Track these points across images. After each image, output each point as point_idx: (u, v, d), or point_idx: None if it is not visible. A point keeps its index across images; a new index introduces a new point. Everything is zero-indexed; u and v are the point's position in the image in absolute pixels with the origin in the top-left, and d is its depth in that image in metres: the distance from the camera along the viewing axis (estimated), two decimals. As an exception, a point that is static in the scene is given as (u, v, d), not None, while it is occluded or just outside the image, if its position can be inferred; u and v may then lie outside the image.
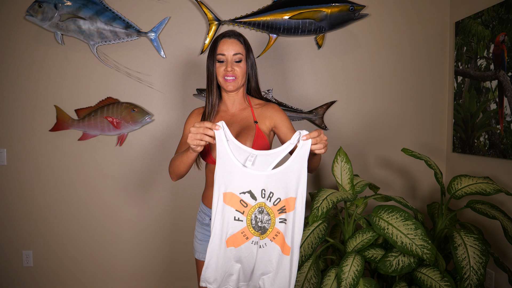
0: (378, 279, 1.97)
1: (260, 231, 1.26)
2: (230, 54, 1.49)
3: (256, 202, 1.25)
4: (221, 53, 1.49)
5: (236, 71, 1.49)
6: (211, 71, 1.52)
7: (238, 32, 1.55)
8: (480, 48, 2.17)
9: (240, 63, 1.50)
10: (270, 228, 1.26)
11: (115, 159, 2.41)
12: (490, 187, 1.75)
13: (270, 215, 1.26)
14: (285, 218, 1.25)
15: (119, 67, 2.37)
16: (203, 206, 1.62)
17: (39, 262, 2.42)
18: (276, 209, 1.25)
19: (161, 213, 2.44)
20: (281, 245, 1.26)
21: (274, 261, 1.28)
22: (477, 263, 1.63)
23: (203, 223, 1.60)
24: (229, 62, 1.49)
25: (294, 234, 1.23)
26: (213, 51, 1.51)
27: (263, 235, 1.26)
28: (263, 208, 1.25)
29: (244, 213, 1.25)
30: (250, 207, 1.25)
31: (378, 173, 2.50)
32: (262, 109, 1.57)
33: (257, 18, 2.32)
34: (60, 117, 2.35)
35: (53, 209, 2.40)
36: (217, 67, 1.50)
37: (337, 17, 2.30)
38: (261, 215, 1.26)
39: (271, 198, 1.25)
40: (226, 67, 1.48)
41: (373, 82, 2.46)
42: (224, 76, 1.49)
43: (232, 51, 1.49)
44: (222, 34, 1.53)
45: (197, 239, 1.62)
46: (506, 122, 1.99)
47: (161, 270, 2.46)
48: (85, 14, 2.24)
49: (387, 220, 1.69)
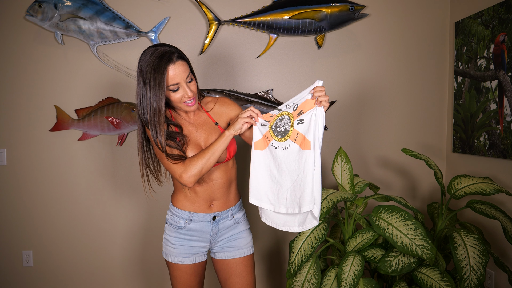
0: (378, 279, 1.97)
1: (280, 135, 1.44)
2: (182, 80, 1.36)
3: (279, 112, 1.47)
4: (174, 83, 1.35)
5: (194, 91, 1.41)
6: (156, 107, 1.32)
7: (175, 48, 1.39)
8: (480, 48, 2.17)
9: (192, 81, 1.42)
10: (291, 130, 1.43)
11: (115, 159, 2.41)
12: (490, 187, 1.75)
13: (290, 118, 1.44)
14: (303, 119, 1.41)
15: (119, 67, 2.37)
16: (175, 210, 1.59)
17: (39, 262, 2.42)
18: (295, 113, 1.44)
19: (162, 213, 2.44)
20: (300, 143, 1.42)
21: (296, 160, 1.42)
22: (477, 263, 1.63)
23: (178, 227, 1.58)
24: (185, 87, 1.37)
25: (315, 130, 1.39)
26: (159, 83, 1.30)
27: (285, 137, 1.43)
28: (284, 116, 1.45)
29: (270, 121, 1.47)
30: (274, 117, 1.47)
31: (378, 173, 2.50)
32: (215, 107, 1.58)
33: (257, 18, 2.32)
34: (60, 117, 2.35)
35: (53, 209, 2.40)
36: (172, 96, 1.38)
37: (337, 17, 2.30)
38: (281, 122, 1.45)
39: (292, 107, 1.45)
40: (185, 93, 1.38)
41: (373, 82, 2.46)
42: (184, 102, 1.41)
43: (183, 77, 1.36)
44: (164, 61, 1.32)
45: (171, 243, 1.59)
46: (506, 122, 1.99)
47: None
48: (85, 14, 2.24)
49: (387, 220, 1.69)
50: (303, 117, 1.41)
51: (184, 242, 1.59)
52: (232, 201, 1.64)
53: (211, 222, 1.59)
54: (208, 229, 1.59)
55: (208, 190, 1.57)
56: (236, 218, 1.64)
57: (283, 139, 1.44)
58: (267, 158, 1.47)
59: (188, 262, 1.59)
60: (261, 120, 1.47)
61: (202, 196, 1.57)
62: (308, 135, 1.39)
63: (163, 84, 1.32)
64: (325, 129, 2.45)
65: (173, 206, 1.61)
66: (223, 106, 1.58)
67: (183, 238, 1.58)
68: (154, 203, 2.43)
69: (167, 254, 1.60)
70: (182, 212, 1.58)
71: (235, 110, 1.58)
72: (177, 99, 1.40)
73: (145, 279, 2.47)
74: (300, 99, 1.44)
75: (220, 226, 1.61)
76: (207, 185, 1.56)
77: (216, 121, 1.56)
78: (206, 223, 1.59)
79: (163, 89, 1.33)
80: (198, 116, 1.57)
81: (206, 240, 1.61)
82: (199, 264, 1.62)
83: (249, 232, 1.68)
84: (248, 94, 2.37)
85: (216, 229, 1.60)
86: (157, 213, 2.44)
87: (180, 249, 1.58)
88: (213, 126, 1.55)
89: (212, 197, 1.58)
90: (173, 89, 1.37)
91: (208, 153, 1.41)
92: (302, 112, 1.42)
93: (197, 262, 1.61)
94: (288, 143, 1.43)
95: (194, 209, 1.57)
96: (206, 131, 1.54)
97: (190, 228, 1.58)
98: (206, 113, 1.57)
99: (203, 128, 1.55)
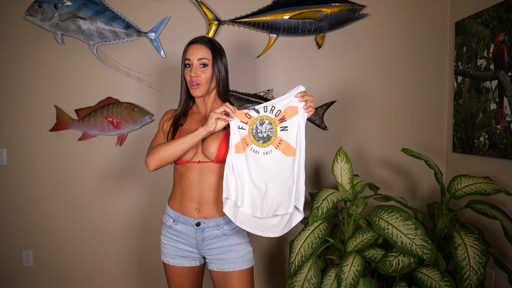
0: (378, 279, 1.97)
1: (262, 141, 1.44)
2: (195, 60, 1.52)
3: (258, 115, 1.45)
4: (187, 58, 1.53)
5: (201, 77, 1.52)
6: (182, 75, 1.58)
7: (209, 38, 1.57)
8: (480, 48, 2.17)
9: (205, 68, 1.52)
10: (274, 136, 1.44)
11: (115, 159, 2.41)
12: (490, 187, 1.75)
13: (272, 124, 1.44)
14: (286, 126, 1.43)
15: (119, 67, 2.37)
16: (168, 208, 1.60)
17: (39, 262, 2.42)
18: (277, 119, 1.44)
19: (162, 213, 2.44)
20: (283, 150, 1.43)
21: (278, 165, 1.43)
22: (477, 263, 1.63)
23: (166, 225, 1.58)
24: (194, 67, 1.52)
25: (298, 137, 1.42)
26: (183, 56, 1.56)
27: (267, 143, 1.44)
28: (264, 120, 1.45)
29: (248, 123, 1.45)
30: (253, 119, 1.45)
31: (378, 173, 2.50)
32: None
33: (257, 18, 2.32)
34: (60, 117, 2.35)
35: (53, 209, 2.40)
36: (185, 72, 1.55)
37: (337, 17, 2.30)
38: (261, 126, 1.45)
39: (273, 111, 1.44)
40: (191, 72, 1.52)
41: (373, 82, 2.46)
42: (190, 81, 1.53)
43: (196, 56, 1.52)
44: (192, 40, 1.56)
45: (162, 242, 1.60)
46: (506, 122, 1.99)
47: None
48: (85, 14, 2.24)
49: (387, 220, 1.69)
50: (287, 124, 1.43)
51: (172, 243, 1.57)
52: (222, 210, 1.51)
53: (195, 227, 1.53)
54: (193, 234, 1.54)
55: (196, 189, 1.52)
56: (225, 230, 1.54)
57: (265, 144, 1.44)
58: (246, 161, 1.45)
59: (176, 264, 1.57)
60: (238, 121, 1.45)
61: (190, 196, 1.52)
62: (292, 142, 1.42)
63: (184, 57, 1.55)
64: (325, 129, 2.45)
65: (167, 205, 1.62)
66: None
67: (171, 238, 1.57)
68: (153, 204, 2.44)
69: (161, 252, 1.62)
70: (171, 211, 1.57)
71: None
72: (187, 77, 1.54)
73: (145, 279, 2.47)
74: (281, 105, 1.43)
75: (206, 234, 1.54)
76: (197, 184, 1.52)
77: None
78: (190, 227, 1.54)
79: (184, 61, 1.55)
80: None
81: (192, 245, 1.56)
82: (189, 268, 1.58)
83: (244, 246, 1.56)
84: (248, 94, 2.37)
85: (201, 236, 1.53)
86: (156, 213, 2.44)
87: (168, 249, 1.58)
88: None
89: (201, 199, 1.53)
90: (186, 64, 1.54)
91: (174, 142, 1.46)
92: (285, 119, 1.43)
93: (186, 265, 1.57)
94: (270, 148, 1.43)
95: (181, 210, 1.55)
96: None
97: (176, 229, 1.56)
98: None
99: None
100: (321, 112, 2.42)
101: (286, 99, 1.43)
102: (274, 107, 1.44)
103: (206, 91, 1.54)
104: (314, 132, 2.45)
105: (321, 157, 2.47)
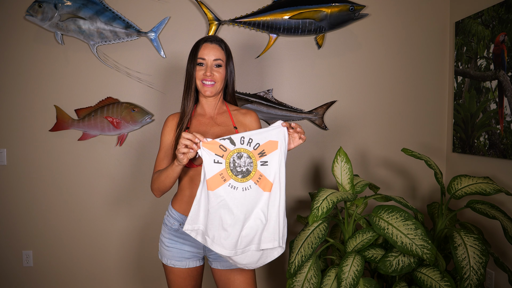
0: (378, 279, 1.97)
1: (241, 175, 1.35)
2: (210, 59, 1.50)
3: (235, 147, 1.35)
4: (201, 57, 1.50)
5: (215, 76, 1.51)
6: (190, 74, 1.53)
7: (220, 38, 1.56)
8: (480, 48, 2.17)
9: (220, 68, 1.52)
10: (254, 170, 1.36)
11: (115, 159, 2.41)
12: (490, 187, 1.75)
13: (252, 158, 1.36)
14: (267, 161, 1.36)
15: (119, 67, 2.37)
16: (172, 211, 1.57)
17: (39, 262, 2.42)
18: (256, 153, 1.36)
19: (160, 214, 2.44)
20: (263, 186, 1.36)
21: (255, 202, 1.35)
22: (477, 263, 1.63)
23: (172, 228, 1.56)
24: (209, 66, 1.50)
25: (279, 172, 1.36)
26: (194, 54, 1.52)
27: (247, 177, 1.35)
28: (242, 153, 1.35)
29: (224, 156, 1.34)
30: (229, 152, 1.34)
31: (378, 173, 2.50)
32: (241, 116, 1.59)
33: (257, 18, 2.32)
34: (60, 117, 2.35)
35: (53, 209, 2.40)
36: (197, 70, 1.51)
37: (337, 17, 2.30)
38: (239, 160, 1.35)
39: (251, 144, 1.36)
40: (206, 71, 1.49)
41: (373, 82, 2.46)
42: (202, 80, 1.50)
43: (212, 56, 1.50)
44: (204, 39, 1.53)
45: (164, 245, 1.57)
46: (506, 122, 1.99)
47: (162, 270, 2.46)
48: (85, 14, 2.24)
49: (387, 220, 1.69)
50: (267, 159, 1.36)
51: (177, 245, 1.55)
52: None
53: None
54: None
55: None
56: None
57: (244, 179, 1.35)
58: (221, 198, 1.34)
59: (181, 266, 1.56)
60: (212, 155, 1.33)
61: None
62: (270, 177, 1.36)
63: (197, 55, 1.51)
64: (325, 129, 2.45)
65: (171, 206, 1.60)
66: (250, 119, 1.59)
67: (176, 241, 1.55)
68: (153, 204, 2.44)
69: (162, 255, 1.59)
70: (178, 214, 1.55)
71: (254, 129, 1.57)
72: (199, 75, 1.51)
73: (144, 279, 2.47)
74: (259, 138, 1.36)
75: None
76: None
77: (236, 125, 1.57)
78: None
79: (195, 60, 1.51)
80: (219, 113, 1.59)
81: (199, 246, 1.56)
82: (193, 269, 1.58)
83: None
84: (248, 94, 2.37)
85: None
86: (156, 214, 2.44)
87: (173, 252, 1.55)
88: (230, 129, 1.55)
89: None
90: (199, 63, 1.51)
91: (162, 176, 1.46)
92: (265, 153, 1.36)
93: (191, 266, 1.57)
94: (249, 184, 1.35)
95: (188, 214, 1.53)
96: (220, 129, 1.55)
97: (183, 232, 1.54)
98: (229, 114, 1.59)
99: (218, 126, 1.56)
100: (321, 112, 2.42)
101: (264, 133, 1.37)
102: (252, 139, 1.35)
103: (218, 92, 1.54)
104: (314, 132, 2.45)
105: (321, 157, 2.47)
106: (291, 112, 2.38)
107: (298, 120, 2.41)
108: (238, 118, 1.58)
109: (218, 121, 1.57)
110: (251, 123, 1.58)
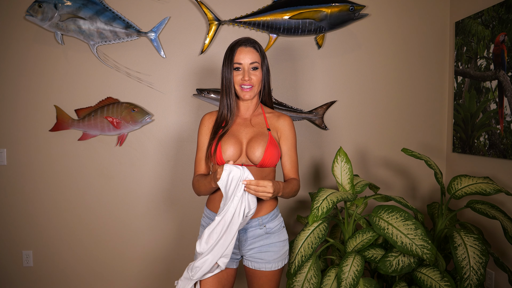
0: (378, 279, 1.97)
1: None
2: (247, 63, 1.52)
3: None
4: (238, 62, 1.52)
5: (253, 79, 1.53)
6: (228, 78, 1.54)
7: (254, 39, 1.57)
8: (480, 48, 2.17)
9: (257, 71, 1.53)
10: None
11: (115, 159, 2.41)
12: (490, 187, 1.75)
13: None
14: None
15: (119, 67, 2.37)
16: (207, 211, 1.60)
17: (39, 262, 2.42)
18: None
19: (162, 212, 2.44)
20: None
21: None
22: (477, 263, 1.63)
23: None
24: (246, 71, 1.52)
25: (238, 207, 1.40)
26: (230, 59, 1.53)
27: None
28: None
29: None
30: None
31: (378, 173, 2.50)
32: (275, 118, 1.61)
33: (257, 18, 2.32)
34: (60, 117, 2.35)
35: (53, 209, 2.40)
36: (234, 75, 1.53)
37: (337, 17, 2.30)
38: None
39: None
40: (244, 76, 1.51)
41: (373, 82, 2.46)
42: (241, 84, 1.52)
43: (249, 60, 1.52)
44: (239, 43, 1.54)
45: None
46: (506, 122, 1.99)
47: (162, 269, 2.46)
48: (85, 14, 2.24)
49: (387, 220, 1.69)
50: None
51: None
52: (264, 210, 1.55)
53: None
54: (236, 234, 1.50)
55: None
56: (268, 228, 1.55)
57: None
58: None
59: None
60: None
61: None
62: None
63: (233, 60, 1.52)
64: (325, 129, 2.45)
65: (206, 207, 1.61)
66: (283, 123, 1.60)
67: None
68: (154, 203, 2.43)
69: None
70: (213, 214, 1.56)
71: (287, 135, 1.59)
72: (237, 80, 1.53)
73: (144, 279, 2.47)
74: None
75: (249, 234, 1.54)
76: None
77: (269, 127, 1.59)
78: None
79: (232, 64, 1.53)
80: (254, 115, 1.61)
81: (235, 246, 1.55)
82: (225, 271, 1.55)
83: (283, 245, 1.58)
84: (248, 94, 2.37)
85: (244, 236, 1.54)
86: (157, 212, 2.44)
87: None
88: (264, 130, 1.57)
89: None
90: (236, 67, 1.53)
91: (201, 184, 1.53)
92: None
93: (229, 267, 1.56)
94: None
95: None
96: (254, 130, 1.56)
97: None
98: (263, 115, 1.61)
99: (252, 127, 1.58)
100: (321, 112, 2.42)
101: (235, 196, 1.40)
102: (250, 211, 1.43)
103: (256, 93, 1.56)
104: (314, 132, 2.45)
105: (321, 157, 2.47)
106: (291, 112, 2.38)
107: (298, 120, 2.41)
108: (272, 120, 1.61)
109: (253, 122, 1.59)
110: (283, 126, 1.60)
